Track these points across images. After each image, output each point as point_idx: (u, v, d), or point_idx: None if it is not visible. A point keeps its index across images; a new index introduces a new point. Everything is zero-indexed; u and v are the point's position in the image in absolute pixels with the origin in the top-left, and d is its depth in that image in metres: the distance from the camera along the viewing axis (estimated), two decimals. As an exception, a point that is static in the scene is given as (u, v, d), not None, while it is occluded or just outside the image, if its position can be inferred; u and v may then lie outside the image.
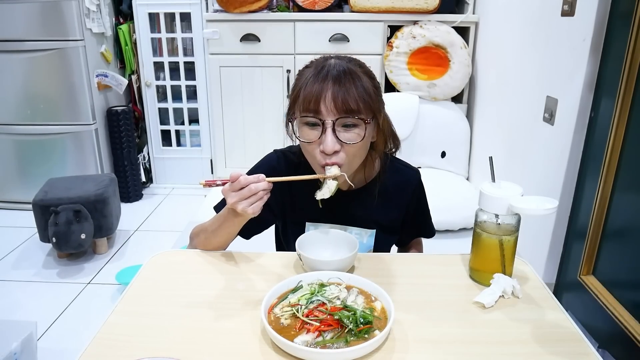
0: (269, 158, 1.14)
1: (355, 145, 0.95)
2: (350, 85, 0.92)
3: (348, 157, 0.96)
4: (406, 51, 2.68)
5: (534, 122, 1.94)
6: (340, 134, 0.93)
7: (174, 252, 1.10)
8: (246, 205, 0.88)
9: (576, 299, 1.65)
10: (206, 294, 0.89)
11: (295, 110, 0.98)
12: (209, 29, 2.79)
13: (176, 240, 2.48)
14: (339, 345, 0.72)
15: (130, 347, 0.75)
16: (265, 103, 2.94)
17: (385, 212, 1.11)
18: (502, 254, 0.89)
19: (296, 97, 0.97)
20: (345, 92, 0.92)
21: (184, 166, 3.21)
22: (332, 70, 0.94)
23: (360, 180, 1.09)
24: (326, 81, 0.92)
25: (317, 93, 0.92)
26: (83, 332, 1.79)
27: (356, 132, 0.94)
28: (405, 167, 1.15)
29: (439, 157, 2.82)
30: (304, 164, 1.05)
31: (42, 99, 2.71)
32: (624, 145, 1.46)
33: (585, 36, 1.59)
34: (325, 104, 0.92)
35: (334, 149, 0.93)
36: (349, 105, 0.92)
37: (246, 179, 0.88)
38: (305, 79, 0.96)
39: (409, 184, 1.13)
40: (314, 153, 0.96)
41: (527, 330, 0.79)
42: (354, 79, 0.93)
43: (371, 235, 1.11)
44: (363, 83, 0.94)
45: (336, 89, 0.92)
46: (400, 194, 1.12)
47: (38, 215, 2.22)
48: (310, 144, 0.96)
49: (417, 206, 1.16)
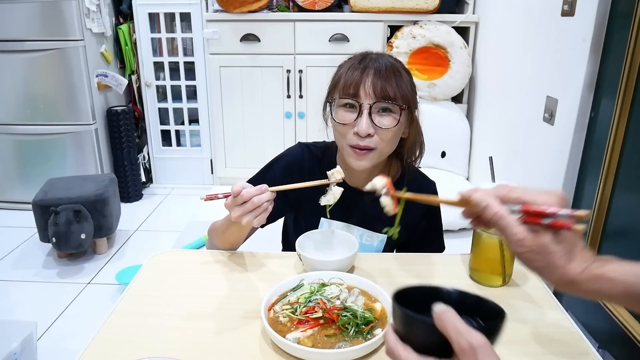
0: (294, 150, 1.14)
1: (389, 131, 0.98)
2: (391, 76, 0.97)
3: (380, 142, 0.98)
4: (406, 51, 2.68)
5: (534, 122, 1.94)
6: (376, 119, 0.97)
7: (174, 252, 1.10)
8: (251, 219, 0.87)
9: (576, 299, 1.64)
10: (206, 294, 0.89)
11: (335, 94, 1.01)
12: (209, 29, 2.79)
13: (176, 240, 2.48)
14: (339, 345, 0.72)
15: (130, 347, 0.75)
16: (265, 103, 2.94)
17: (400, 219, 1.12)
18: (502, 254, 0.90)
19: (337, 82, 1.01)
20: (386, 81, 0.96)
21: (184, 166, 3.21)
22: (373, 62, 0.98)
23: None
24: (367, 70, 0.97)
25: (357, 78, 0.97)
26: (83, 332, 1.79)
27: (392, 118, 0.98)
28: (423, 178, 1.17)
29: (439, 157, 2.82)
30: (327, 158, 1.08)
31: (42, 99, 2.71)
32: (624, 145, 1.46)
33: (585, 36, 1.59)
34: (365, 88, 0.96)
35: (367, 131, 0.96)
36: (387, 93, 0.96)
37: (249, 192, 0.86)
38: (346, 68, 1.00)
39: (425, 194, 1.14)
40: (347, 135, 0.99)
41: (527, 330, 0.79)
42: (394, 72, 0.98)
43: (382, 241, 1.11)
44: (402, 77, 0.99)
45: (377, 77, 0.96)
46: (415, 203, 1.13)
47: (38, 215, 2.22)
48: (345, 126, 0.99)
49: (430, 221, 1.16)
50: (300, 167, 1.10)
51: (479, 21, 2.71)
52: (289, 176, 1.09)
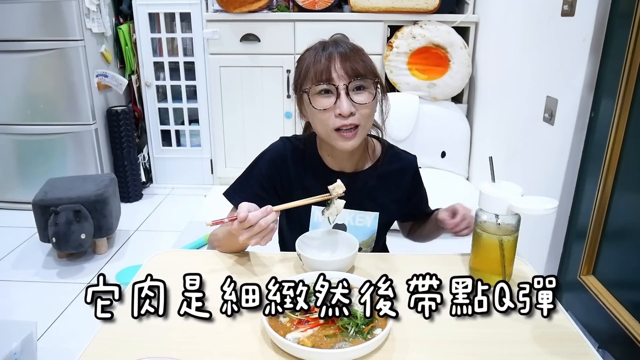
0: (276, 145, 1.18)
1: (369, 105, 1.02)
2: (355, 55, 1.01)
3: (362, 118, 1.02)
4: (406, 51, 2.68)
5: (534, 122, 1.94)
6: (354, 97, 1.00)
7: (174, 252, 1.10)
8: (258, 240, 0.91)
9: (576, 299, 1.65)
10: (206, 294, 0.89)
11: (306, 84, 1.03)
12: (209, 29, 2.79)
13: (176, 240, 2.48)
14: (339, 345, 0.72)
15: (130, 347, 0.75)
16: (265, 103, 2.94)
17: (387, 195, 1.16)
18: (502, 254, 0.89)
19: (305, 73, 1.03)
20: (353, 61, 1.00)
21: (184, 166, 3.21)
22: (336, 46, 1.02)
23: (364, 164, 1.15)
24: (333, 54, 1.01)
25: (325, 63, 1.00)
26: (83, 332, 1.78)
27: (367, 92, 1.02)
28: (404, 152, 1.22)
29: (439, 157, 2.82)
30: (309, 149, 1.12)
31: (42, 99, 2.71)
32: (624, 145, 1.46)
33: (585, 36, 1.59)
34: (336, 70, 0.99)
35: (349, 110, 0.99)
36: (357, 70, 1.00)
37: (255, 216, 0.89)
38: (310, 57, 1.03)
39: (409, 168, 1.20)
40: (330, 120, 1.01)
41: (527, 330, 0.79)
42: (357, 51, 1.03)
43: (375, 218, 1.15)
44: (365, 55, 1.04)
45: (343, 59, 1.00)
46: (401, 178, 1.19)
47: (38, 215, 2.22)
48: (325, 111, 1.01)
49: (416, 191, 1.23)
50: (283, 160, 1.14)
51: (479, 21, 2.71)
52: (275, 170, 1.13)
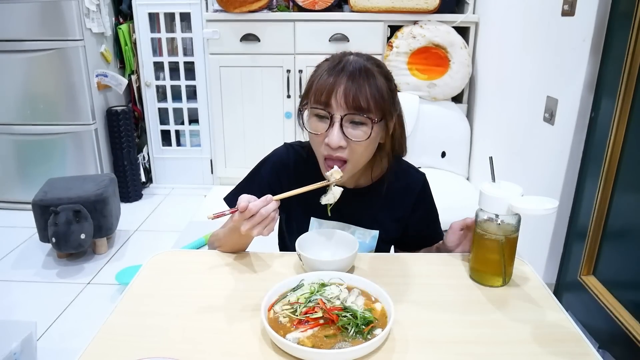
0: (279, 151, 1.15)
1: (361, 144, 0.95)
2: (364, 83, 0.92)
3: (353, 154, 0.96)
4: (406, 51, 2.68)
5: (534, 122, 1.94)
6: (347, 130, 0.94)
7: (174, 252, 1.10)
8: (260, 230, 0.89)
9: (576, 299, 1.65)
10: (206, 294, 0.89)
11: (307, 101, 0.98)
12: (209, 29, 2.79)
13: (176, 240, 2.48)
14: (339, 345, 0.72)
15: (130, 347, 0.75)
16: (265, 103, 2.94)
17: (389, 213, 1.12)
18: (502, 254, 0.89)
19: (310, 87, 0.98)
20: (358, 89, 0.92)
21: (183, 166, 3.21)
22: (348, 66, 0.94)
23: (366, 180, 1.10)
24: (340, 76, 0.93)
25: (329, 86, 0.93)
26: (83, 332, 1.79)
27: (363, 130, 0.94)
28: (411, 169, 1.15)
29: (439, 157, 2.82)
30: (312, 158, 1.06)
31: (42, 99, 2.71)
32: (624, 145, 1.46)
33: (585, 36, 1.59)
34: (337, 98, 0.92)
35: (338, 144, 0.93)
36: (359, 103, 0.92)
37: (255, 205, 0.87)
38: (321, 71, 0.96)
39: (414, 187, 1.13)
40: (320, 145, 0.97)
41: (527, 330, 0.79)
42: (368, 77, 0.93)
43: (374, 237, 1.12)
44: (377, 82, 0.94)
45: (349, 85, 0.92)
46: (405, 196, 1.12)
47: (38, 215, 2.22)
48: (317, 135, 0.97)
49: (423, 212, 1.14)
50: (286, 167, 1.11)
51: (479, 21, 2.71)
52: (277, 177, 1.11)
